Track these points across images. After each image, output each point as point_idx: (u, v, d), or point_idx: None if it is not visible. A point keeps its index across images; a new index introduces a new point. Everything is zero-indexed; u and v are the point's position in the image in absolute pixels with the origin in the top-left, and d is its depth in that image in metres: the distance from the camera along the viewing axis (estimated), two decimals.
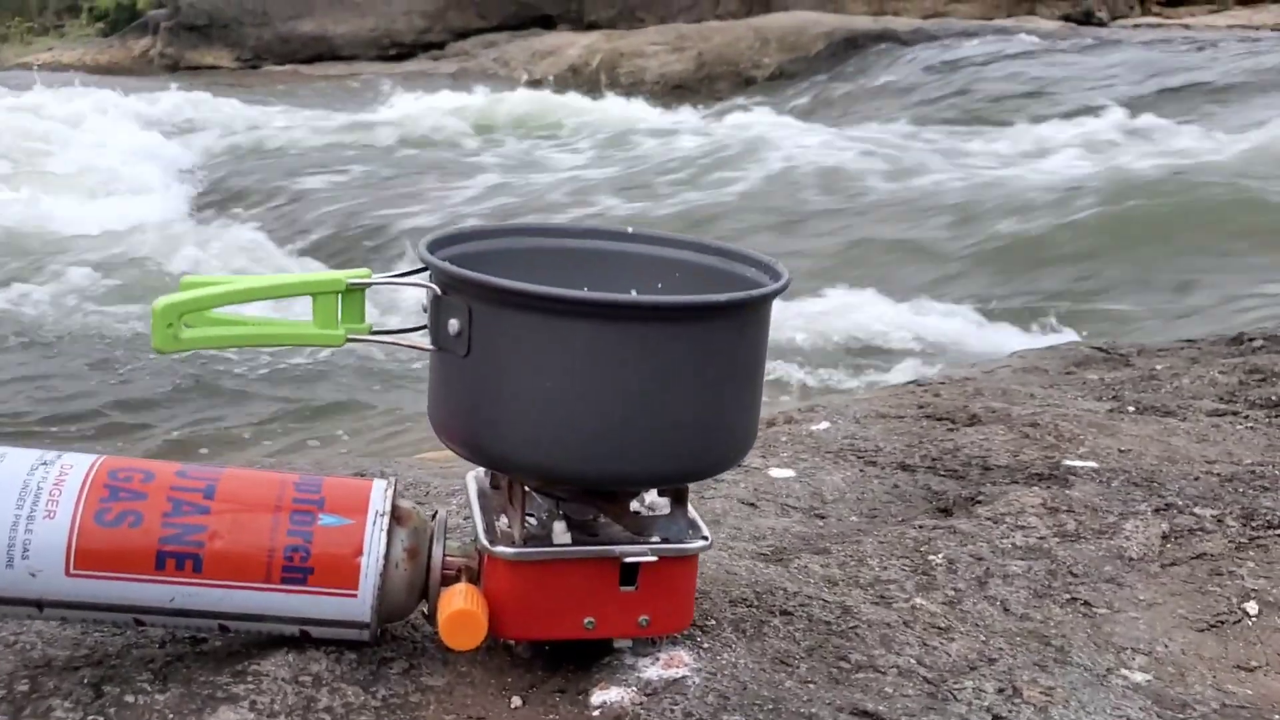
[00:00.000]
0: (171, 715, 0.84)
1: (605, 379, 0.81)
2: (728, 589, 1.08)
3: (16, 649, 0.94)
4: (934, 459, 1.64)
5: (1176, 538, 1.30)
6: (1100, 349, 2.47)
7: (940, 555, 1.23)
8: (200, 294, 0.81)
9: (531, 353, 0.81)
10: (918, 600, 1.11)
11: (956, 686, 0.93)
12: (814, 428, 1.86)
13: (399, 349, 0.92)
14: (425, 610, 0.96)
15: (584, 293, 0.81)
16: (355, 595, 0.89)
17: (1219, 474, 1.50)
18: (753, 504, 1.48)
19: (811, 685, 0.93)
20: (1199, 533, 1.30)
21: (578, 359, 0.80)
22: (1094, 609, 1.14)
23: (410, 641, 0.97)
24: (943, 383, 2.31)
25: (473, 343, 0.83)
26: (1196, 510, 1.36)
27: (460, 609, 0.86)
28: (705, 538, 0.92)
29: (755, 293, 0.84)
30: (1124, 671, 1.02)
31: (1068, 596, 1.16)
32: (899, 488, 1.55)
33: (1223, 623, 1.13)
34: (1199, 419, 1.85)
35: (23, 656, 0.92)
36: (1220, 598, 1.17)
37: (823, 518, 1.44)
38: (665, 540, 0.92)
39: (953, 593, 1.14)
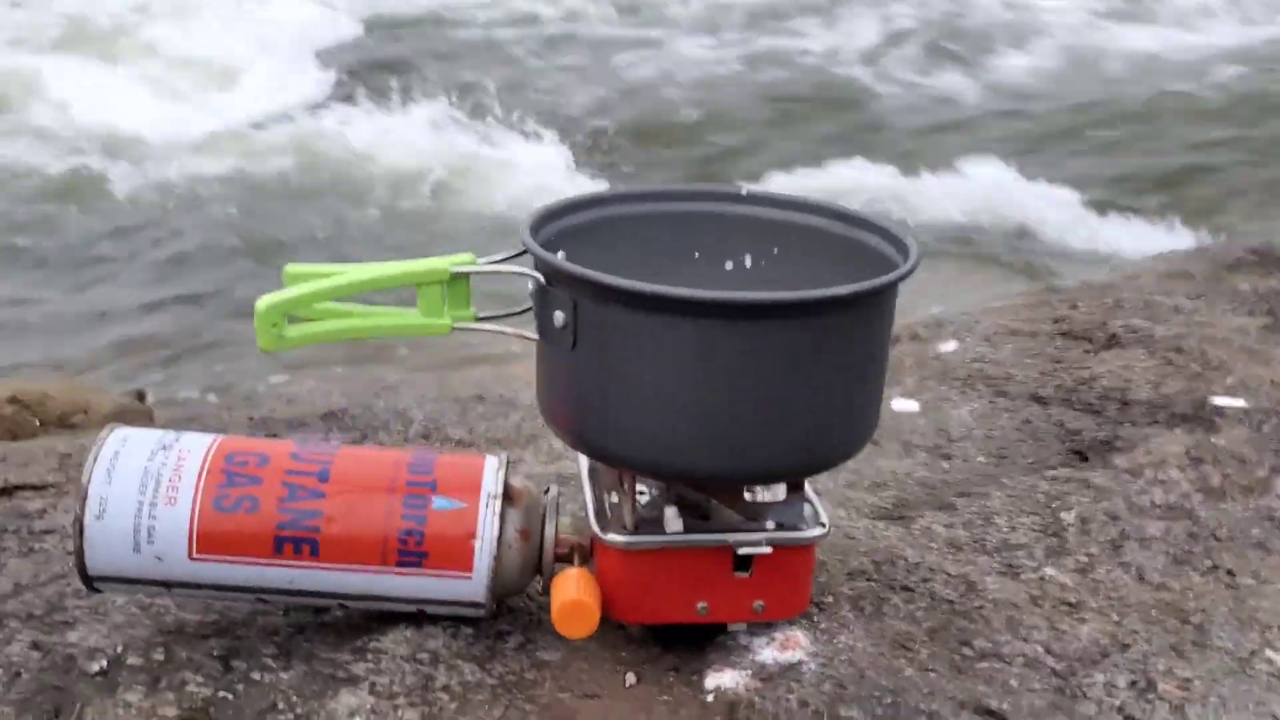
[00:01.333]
0: (294, 696, 0.86)
1: (718, 377, 0.77)
2: (845, 558, 1.05)
3: (151, 613, 0.97)
4: (1069, 390, 1.57)
5: None
6: (1253, 251, 2.31)
7: (1073, 513, 1.18)
8: (302, 292, 0.80)
9: (639, 350, 0.78)
10: (1047, 570, 1.06)
11: (1087, 680, 0.89)
12: (941, 348, 1.79)
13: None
14: (540, 586, 0.96)
15: (694, 291, 0.76)
16: (470, 578, 0.89)
17: None
18: (874, 441, 1.44)
19: (932, 675, 0.90)
20: None
21: (688, 357, 0.77)
22: (1237, 579, 1.08)
23: (525, 613, 0.97)
24: (1080, 290, 2.20)
25: (579, 336, 0.80)
26: None
27: (573, 600, 0.85)
28: (823, 524, 0.89)
29: (878, 282, 0.79)
30: (1269, 654, 0.97)
31: (1209, 564, 1.10)
32: (1031, 423, 1.48)
33: None
34: None
35: (157, 622, 0.96)
36: None
37: (948, 458, 1.39)
38: (780, 526, 0.89)
39: (1085, 559, 1.09)
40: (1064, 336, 1.83)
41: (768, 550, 0.86)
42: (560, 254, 0.93)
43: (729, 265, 0.99)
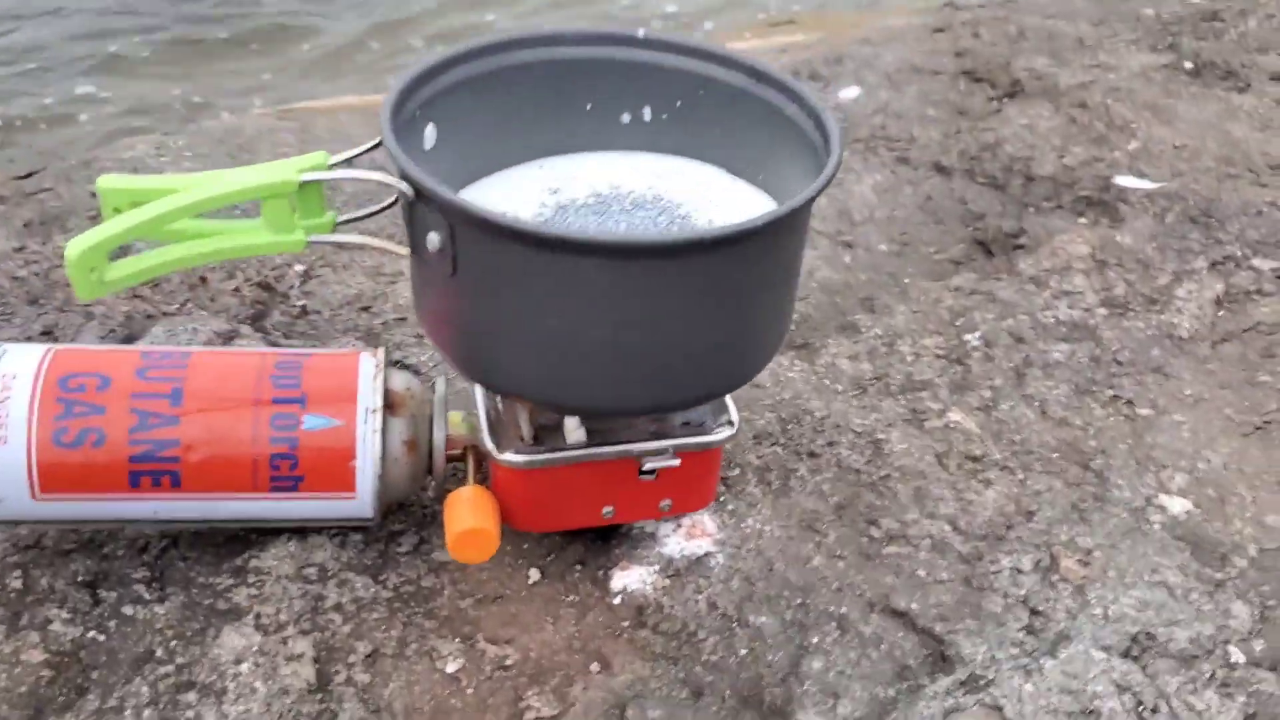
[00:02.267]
0: (174, 639, 0.80)
1: (616, 316, 0.68)
2: (752, 416, 1.01)
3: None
4: (972, 158, 1.50)
5: (1231, 302, 1.20)
6: None
7: (977, 334, 1.15)
8: (118, 229, 0.65)
9: (527, 287, 0.67)
10: (952, 416, 1.04)
11: (993, 567, 0.89)
12: (842, 96, 1.69)
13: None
14: (432, 489, 0.90)
15: (587, 232, 0.66)
16: (353, 497, 0.82)
17: None
18: None
19: (841, 563, 0.88)
20: (1256, 295, 1.21)
21: (582, 296, 0.67)
22: (1136, 410, 1.07)
23: (419, 506, 0.92)
24: (982, 5, 2.08)
25: (459, 264, 0.69)
26: (1255, 263, 1.25)
27: (468, 529, 0.79)
28: (731, 423, 0.84)
29: (796, 202, 0.68)
30: (1162, 499, 0.98)
31: (1110, 393, 1.09)
32: (933, 200, 1.42)
33: (1269, 424, 1.07)
34: (1263, 88, 1.67)
35: (11, 537, 0.87)
36: (1270, 390, 1.10)
37: (850, 247, 1.33)
38: (686, 424, 0.83)
39: (989, 393, 1.07)
40: (966, 78, 1.74)
41: (676, 463, 0.81)
42: (430, 128, 0.79)
43: (625, 118, 0.87)
